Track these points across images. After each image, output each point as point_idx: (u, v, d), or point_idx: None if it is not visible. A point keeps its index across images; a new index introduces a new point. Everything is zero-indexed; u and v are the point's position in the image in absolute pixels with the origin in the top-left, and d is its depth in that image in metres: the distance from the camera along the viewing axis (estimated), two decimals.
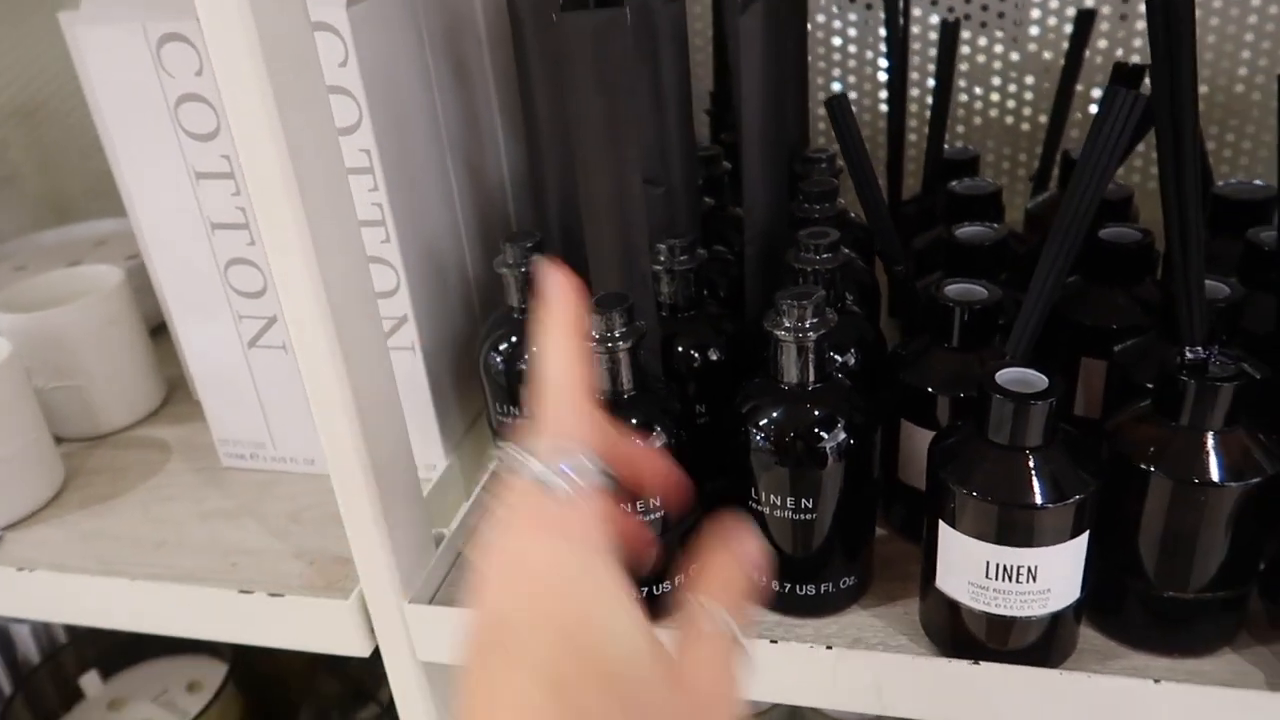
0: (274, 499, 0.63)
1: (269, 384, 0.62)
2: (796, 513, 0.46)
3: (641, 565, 0.33)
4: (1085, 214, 0.42)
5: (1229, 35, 0.79)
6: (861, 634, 0.47)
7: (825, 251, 0.50)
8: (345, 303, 0.44)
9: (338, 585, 0.54)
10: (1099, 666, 0.44)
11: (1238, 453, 0.41)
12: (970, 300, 0.48)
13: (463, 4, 0.61)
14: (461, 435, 0.64)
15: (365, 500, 0.47)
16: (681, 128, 0.54)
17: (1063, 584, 0.42)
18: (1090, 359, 0.52)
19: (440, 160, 0.59)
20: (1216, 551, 0.42)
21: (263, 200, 0.41)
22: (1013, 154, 0.88)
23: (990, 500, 0.41)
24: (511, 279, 0.55)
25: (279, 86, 0.39)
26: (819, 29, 0.87)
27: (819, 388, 0.45)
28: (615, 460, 0.31)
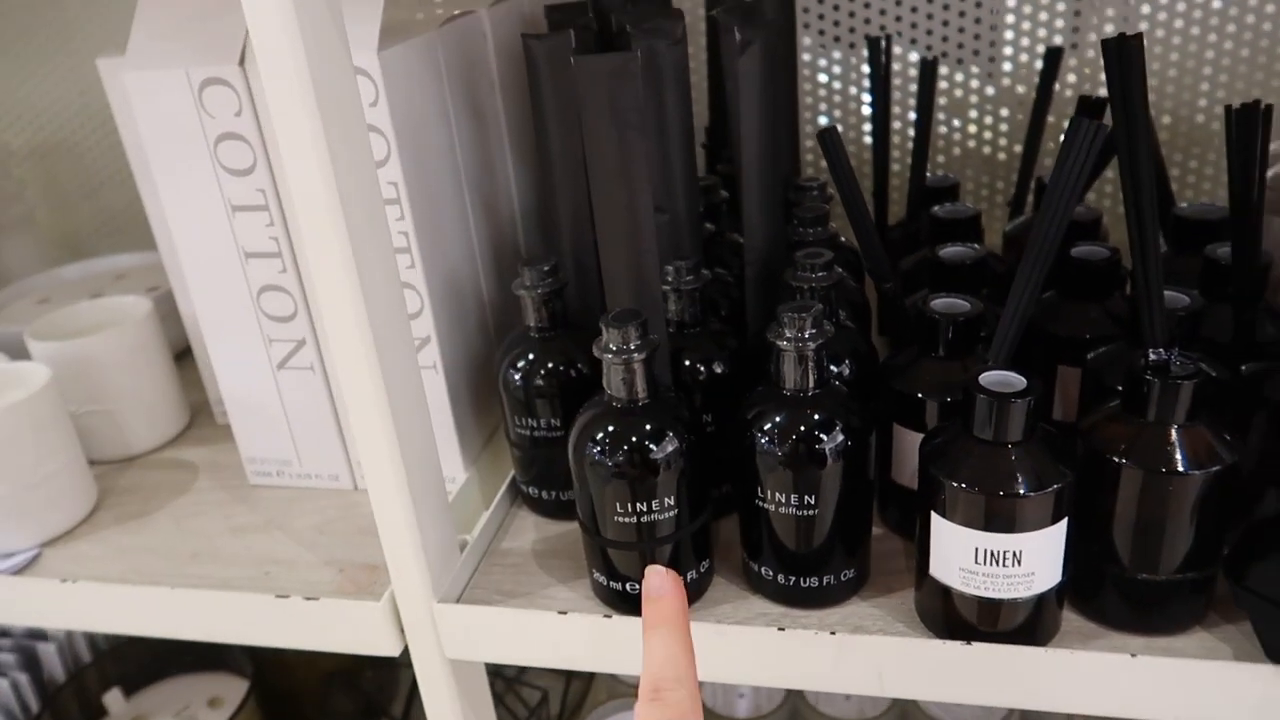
0: (301, 513, 0.66)
1: (296, 404, 0.66)
2: (800, 509, 0.50)
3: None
4: (1056, 231, 0.47)
5: (1189, 70, 0.85)
6: (862, 622, 0.51)
7: (820, 270, 0.54)
8: (382, 323, 0.48)
9: (368, 590, 0.58)
10: (1081, 645, 0.48)
11: (1200, 445, 0.45)
12: (955, 313, 0.52)
13: (477, 49, 0.66)
14: (480, 450, 0.67)
15: (398, 505, 0.51)
16: (684, 160, 0.58)
17: (1045, 568, 0.46)
18: (1066, 367, 0.57)
19: (458, 192, 0.64)
20: (1184, 536, 0.46)
21: (310, 227, 0.45)
22: (990, 182, 0.93)
23: (977, 490, 0.45)
24: (529, 300, 0.59)
25: (327, 123, 0.43)
26: (806, 67, 0.92)
27: (818, 393, 0.49)
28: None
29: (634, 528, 0.51)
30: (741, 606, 0.53)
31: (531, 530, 0.62)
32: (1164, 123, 0.87)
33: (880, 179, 0.75)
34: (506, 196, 0.72)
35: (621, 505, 0.50)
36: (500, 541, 0.61)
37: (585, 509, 0.52)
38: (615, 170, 0.50)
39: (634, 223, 0.51)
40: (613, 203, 0.51)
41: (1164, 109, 0.86)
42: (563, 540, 0.60)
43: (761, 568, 0.53)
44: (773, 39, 0.55)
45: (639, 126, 0.49)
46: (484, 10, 0.67)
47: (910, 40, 0.89)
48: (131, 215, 0.84)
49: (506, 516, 0.63)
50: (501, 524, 0.63)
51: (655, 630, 0.37)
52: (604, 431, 0.50)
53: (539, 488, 0.62)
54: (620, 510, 0.50)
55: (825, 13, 0.89)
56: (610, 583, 0.53)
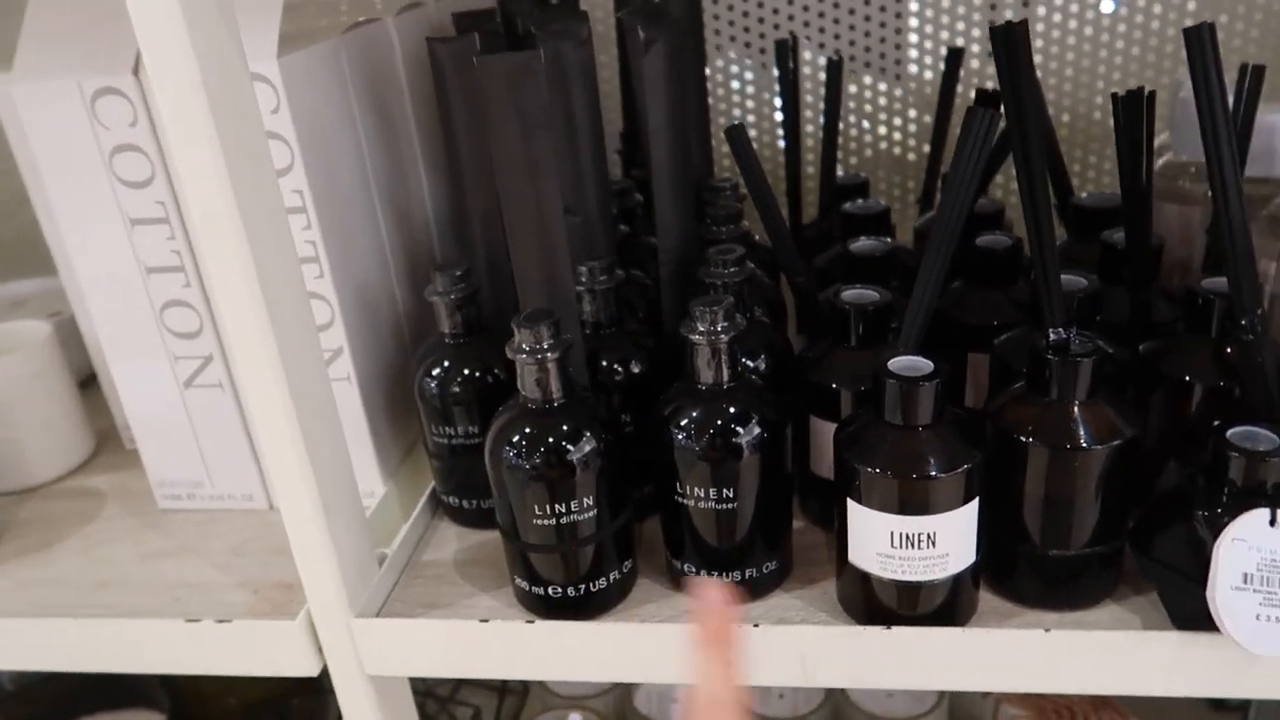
0: (214, 536, 0.64)
1: (205, 423, 0.64)
2: (719, 503, 0.50)
3: None
4: (957, 218, 0.48)
5: (1084, 68, 0.88)
6: (785, 613, 0.51)
7: (732, 265, 0.55)
8: (290, 337, 0.46)
9: (282, 609, 0.56)
10: (998, 624, 0.49)
11: (1101, 420, 0.46)
12: (864, 303, 0.53)
13: (384, 56, 0.65)
14: (398, 462, 0.66)
15: (312, 520, 0.49)
16: (594, 161, 0.58)
17: (959, 548, 0.47)
18: (975, 353, 0.58)
19: (368, 199, 0.63)
20: (1090, 511, 0.47)
21: (209, 242, 0.43)
22: (902, 181, 0.95)
23: (890, 475, 0.45)
24: (442, 306, 0.58)
25: (224, 134, 0.42)
26: (719, 72, 0.93)
27: (733, 386, 0.49)
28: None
29: (554, 530, 0.50)
30: (666, 605, 0.53)
31: (453, 541, 0.61)
32: (1064, 120, 0.90)
33: (793, 179, 0.76)
34: (419, 203, 0.71)
35: (540, 507, 0.50)
36: (421, 553, 0.60)
37: (504, 514, 0.52)
38: (523, 170, 0.50)
39: (543, 222, 0.51)
40: (521, 203, 0.51)
41: (1063, 106, 0.89)
42: (485, 549, 0.60)
43: (684, 564, 0.52)
44: (678, 38, 0.55)
45: (545, 125, 0.49)
46: (389, 18, 0.66)
47: (819, 44, 0.91)
48: (31, 240, 0.81)
49: (427, 528, 0.62)
50: (422, 536, 0.62)
51: (709, 651, 0.36)
52: (519, 434, 0.49)
53: (459, 497, 0.61)
54: (539, 512, 0.50)
55: (735, 19, 0.91)
56: (532, 588, 0.52)
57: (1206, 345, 0.51)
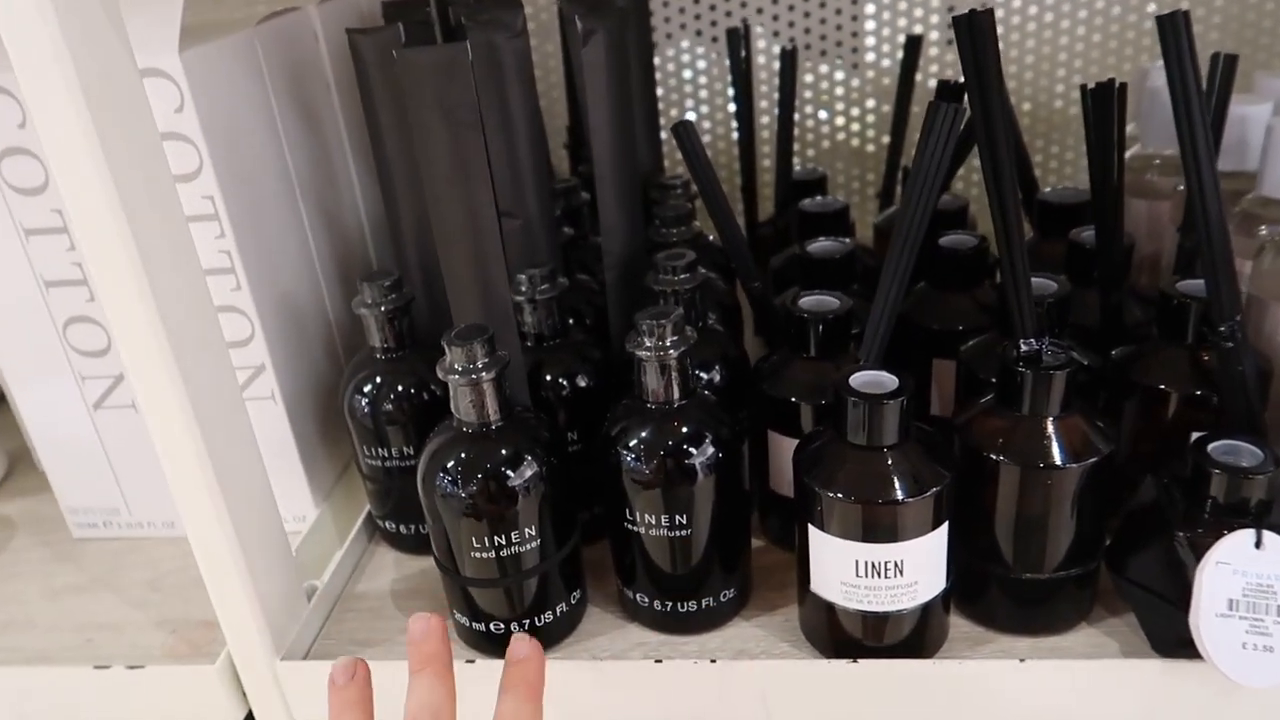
0: (131, 567, 0.60)
1: (119, 446, 0.59)
2: (672, 530, 0.46)
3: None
4: (921, 219, 0.44)
5: (1045, 56, 0.85)
6: (745, 645, 0.48)
7: (683, 272, 0.51)
8: (192, 355, 0.42)
9: (203, 650, 0.52)
10: (969, 652, 0.46)
11: (1075, 436, 0.43)
12: (823, 311, 0.50)
13: (307, 48, 0.61)
14: (332, 484, 0.62)
15: (227, 557, 0.45)
16: (534, 160, 0.54)
17: (929, 575, 0.44)
18: (940, 360, 0.55)
19: (291, 203, 0.58)
20: (1065, 531, 0.44)
21: (96, 255, 0.39)
22: (861, 174, 0.92)
23: (853, 500, 0.42)
24: (371, 319, 0.54)
25: (105, 137, 0.37)
26: (670, 62, 0.89)
27: (684, 404, 0.46)
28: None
29: (494, 563, 0.46)
30: (618, 637, 0.50)
31: (391, 569, 0.57)
32: (1024, 109, 0.87)
33: (748, 174, 0.73)
34: (352, 206, 0.66)
35: (478, 539, 0.46)
36: (356, 584, 0.56)
37: (441, 545, 0.48)
38: (451, 172, 0.46)
39: (475, 229, 0.47)
40: (451, 208, 0.47)
41: (1024, 95, 0.87)
42: (425, 578, 0.56)
43: (636, 594, 0.49)
44: (620, 28, 0.51)
45: (473, 124, 0.45)
46: (312, 6, 0.62)
47: (773, 32, 0.87)
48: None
49: (363, 555, 0.58)
50: (357, 564, 0.57)
51: (509, 692, 0.38)
52: (454, 459, 0.46)
53: (396, 522, 0.57)
54: (478, 544, 0.46)
55: (685, 6, 0.87)
56: (473, 623, 0.48)
57: (1182, 351, 0.48)
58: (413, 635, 0.39)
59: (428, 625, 0.39)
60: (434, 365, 0.46)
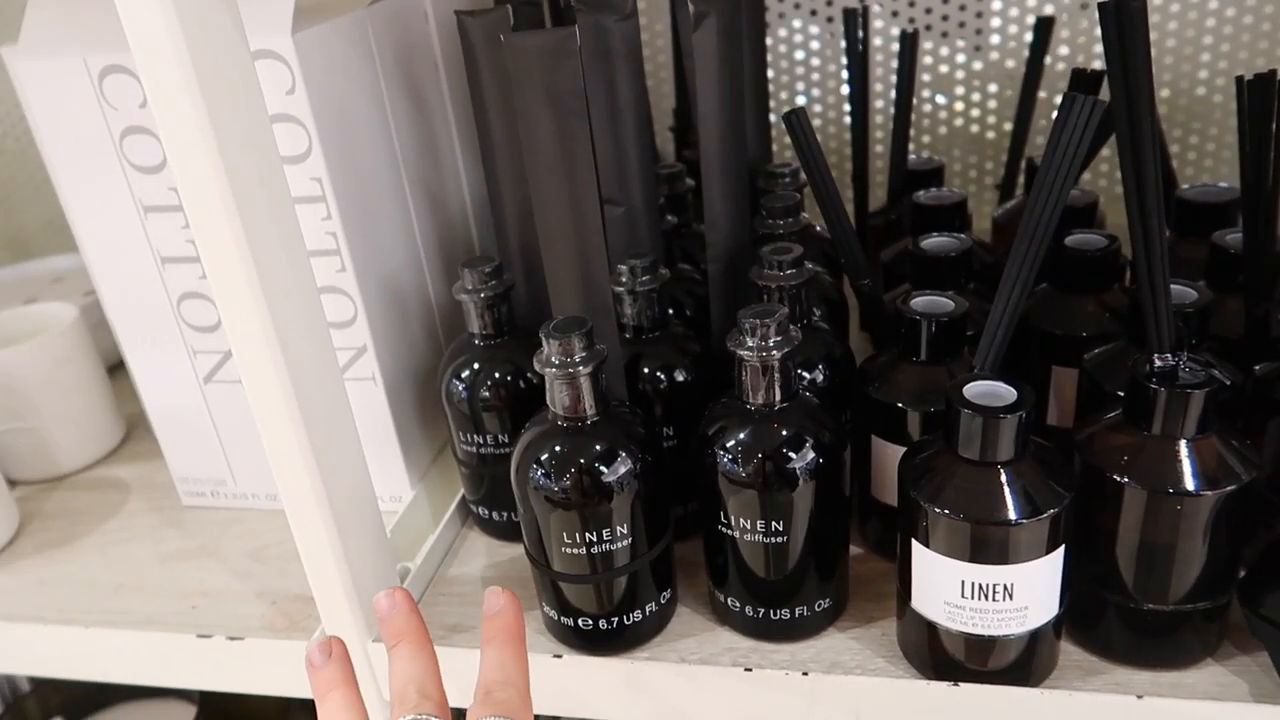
0: (235, 537, 0.61)
1: (227, 419, 0.61)
2: (767, 536, 0.45)
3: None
4: (1048, 222, 0.41)
5: (1188, 39, 0.79)
6: (839, 658, 0.46)
7: (789, 268, 0.49)
8: (294, 335, 0.42)
9: (300, 625, 0.53)
10: (1081, 683, 0.43)
11: (1211, 460, 0.40)
12: (936, 313, 0.47)
13: (416, 28, 0.60)
14: (428, 465, 0.62)
15: (324, 538, 0.46)
16: (640, 146, 0.53)
17: (1040, 600, 0.41)
18: (1061, 368, 0.52)
19: (397, 186, 0.58)
20: (1194, 562, 0.41)
21: (205, 234, 0.39)
22: (979, 162, 0.88)
23: (962, 518, 0.40)
24: (470, 305, 0.53)
25: (217, 118, 0.37)
26: (782, 43, 0.86)
27: (785, 407, 0.44)
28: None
29: (585, 559, 0.46)
30: (707, 640, 0.48)
31: (482, 554, 0.57)
32: (1163, 96, 0.81)
33: (860, 162, 0.70)
34: (456, 190, 0.66)
35: (570, 535, 0.45)
36: (448, 567, 0.56)
37: (532, 538, 0.47)
38: (555, 160, 0.45)
39: (578, 218, 0.46)
40: (553, 197, 0.46)
41: (1162, 81, 0.81)
42: (516, 565, 0.56)
43: (728, 598, 0.48)
44: (732, 11, 0.49)
45: (579, 111, 0.44)
46: None
47: (892, 13, 0.84)
48: None
49: (456, 538, 0.58)
50: (450, 547, 0.58)
51: (490, 643, 0.39)
52: (548, 453, 0.45)
53: (489, 508, 0.57)
54: (569, 540, 0.45)
55: None
56: (562, 618, 0.48)
57: None
58: (380, 612, 0.40)
59: (392, 601, 0.40)
60: (532, 352, 0.46)
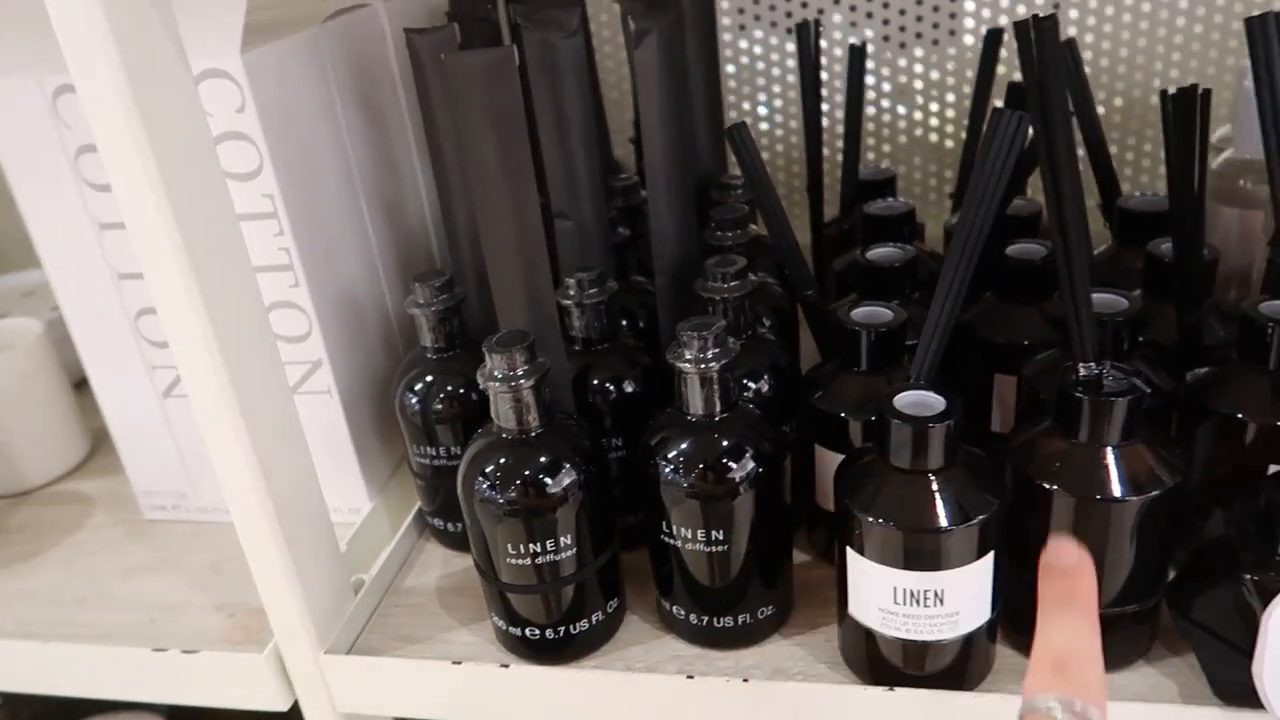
0: (197, 550, 0.62)
1: (186, 434, 0.61)
2: (709, 544, 0.45)
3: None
4: (979, 233, 0.42)
5: (1140, 49, 0.80)
6: (782, 664, 0.47)
7: (733, 279, 0.50)
8: (240, 351, 0.43)
9: (256, 637, 0.53)
10: (1015, 686, 0.44)
11: (1138, 466, 0.41)
12: (875, 323, 0.48)
13: (373, 45, 0.61)
14: (387, 477, 0.63)
15: (273, 551, 0.46)
16: (589, 160, 0.54)
17: (972, 605, 0.42)
18: (1003, 376, 0.52)
19: (353, 201, 0.59)
20: (1123, 566, 0.42)
21: (147, 253, 0.40)
22: (939, 171, 0.89)
23: (893, 525, 0.40)
24: (423, 318, 0.54)
25: (156, 139, 0.38)
26: (743, 54, 0.87)
27: (725, 418, 0.45)
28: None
29: (531, 569, 0.46)
30: (654, 648, 0.49)
31: (438, 565, 0.58)
32: (1116, 105, 0.83)
33: (814, 173, 0.71)
34: (416, 204, 0.67)
35: (515, 546, 0.46)
36: (404, 579, 0.57)
37: (479, 549, 0.48)
38: (497, 176, 0.46)
39: (522, 233, 0.47)
40: (497, 212, 0.47)
41: (1115, 91, 0.82)
42: (470, 576, 0.56)
43: (674, 607, 0.48)
44: (675, 27, 0.50)
45: (520, 127, 0.45)
46: (380, 4, 0.62)
47: (851, 23, 0.85)
48: None
49: (413, 550, 0.59)
50: (406, 559, 0.58)
51: (1062, 607, 0.32)
52: (493, 465, 0.46)
53: (444, 519, 0.57)
54: (514, 551, 0.46)
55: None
56: (510, 627, 0.49)
57: (1263, 377, 0.45)
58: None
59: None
60: None
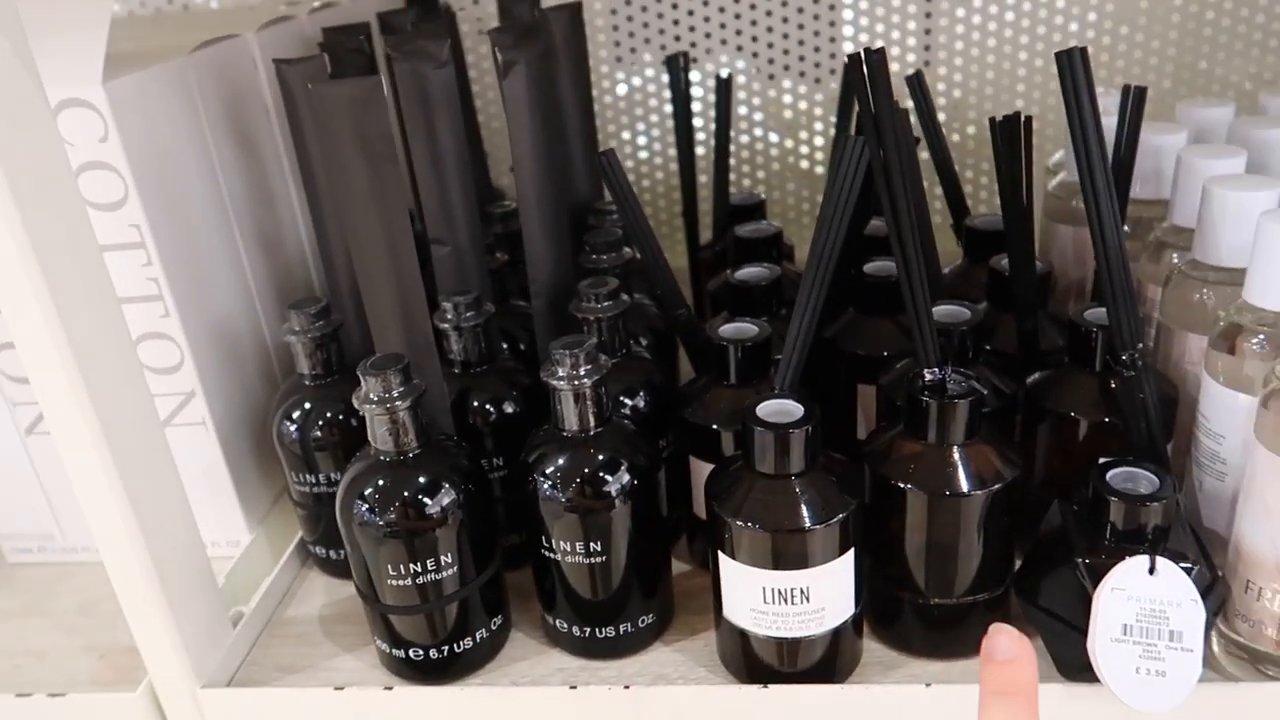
0: (63, 593, 0.60)
1: (51, 472, 0.59)
2: (588, 557, 0.47)
3: None
4: (831, 252, 0.45)
5: (990, 80, 0.86)
6: (663, 670, 0.48)
7: (605, 299, 0.52)
8: (104, 384, 0.42)
9: (127, 676, 0.52)
10: (881, 677, 0.47)
11: (980, 463, 0.44)
12: (741, 338, 0.50)
13: (245, 75, 0.61)
14: (268, 508, 0.62)
15: (143, 584, 0.45)
16: (463, 188, 0.55)
17: (836, 601, 0.44)
18: (864, 385, 0.56)
19: (225, 230, 0.58)
20: (973, 557, 0.45)
21: (3, 287, 0.39)
22: (811, 195, 0.93)
23: (759, 528, 0.42)
24: (299, 346, 0.54)
25: (10, 169, 0.38)
26: (620, 83, 0.90)
27: (599, 432, 0.46)
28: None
29: (413, 589, 0.47)
30: (539, 663, 0.50)
31: (321, 594, 0.57)
32: (969, 132, 0.88)
33: (689, 199, 0.74)
34: (293, 232, 0.67)
35: (396, 567, 0.46)
36: (285, 609, 0.56)
37: (360, 573, 0.48)
38: (367, 204, 0.47)
39: (394, 258, 0.48)
40: (369, 239, 0.47)
41: (968, 119, 0.88)
42: (354, 603, 0.55)
43: (557, 620, 0.49)
44: (542, 58, 0.52)
45: (390, 156, 0.46)
46: (251, 34, 0.62)
47: (737, 47, 0.88)
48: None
49: (295, 580, 0.58)
50: (288, 589, 0.58)
51: (1000, 699, 0.32)
52: (371, 487, 0.46)
53: (326, 547, 0.57)
54: (395, 572, 0.46)
55: (635, 29, 0.88)
56: (393, 650, 0.49)
57: (1091, 378, 0.49)
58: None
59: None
60: None
